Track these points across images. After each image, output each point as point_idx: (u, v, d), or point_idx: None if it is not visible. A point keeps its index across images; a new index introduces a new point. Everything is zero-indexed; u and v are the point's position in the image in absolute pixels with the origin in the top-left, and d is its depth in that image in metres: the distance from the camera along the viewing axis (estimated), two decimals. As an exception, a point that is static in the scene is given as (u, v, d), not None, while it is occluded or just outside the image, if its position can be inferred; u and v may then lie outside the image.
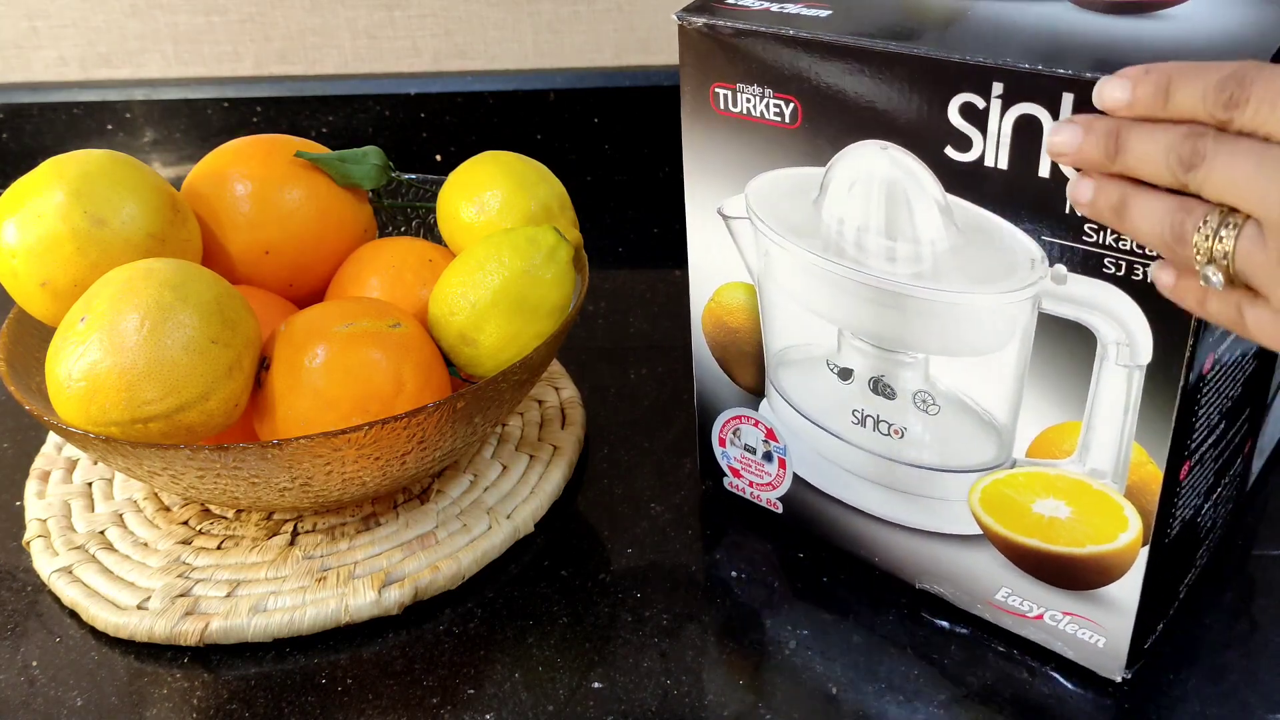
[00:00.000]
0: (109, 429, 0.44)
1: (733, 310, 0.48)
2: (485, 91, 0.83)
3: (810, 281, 0.45)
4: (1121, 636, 0.42)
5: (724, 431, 0.52)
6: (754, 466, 0.52)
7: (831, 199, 0.42)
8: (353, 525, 0.52)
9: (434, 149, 0.86)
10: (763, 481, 0.52)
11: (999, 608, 0.45)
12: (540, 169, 0.56)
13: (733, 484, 0.53)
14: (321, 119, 0.85)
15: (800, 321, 0.46)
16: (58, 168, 0.48)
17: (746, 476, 0.52)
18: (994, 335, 0.41)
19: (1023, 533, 0.43)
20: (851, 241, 0.42)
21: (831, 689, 0.44)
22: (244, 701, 0.45)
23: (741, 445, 0.52)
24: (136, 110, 0.86)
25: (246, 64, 0.85)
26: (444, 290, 0.50)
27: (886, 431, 0.46)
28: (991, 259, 0.39)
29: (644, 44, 0.83)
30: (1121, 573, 0.41)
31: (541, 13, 0.82)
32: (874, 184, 0.41)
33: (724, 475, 0.53)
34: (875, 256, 0.42)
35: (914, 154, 0.39)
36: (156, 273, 0.45)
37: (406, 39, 0.84)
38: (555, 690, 0.44)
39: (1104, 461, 0.40)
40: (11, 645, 0.48)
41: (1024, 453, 0.42)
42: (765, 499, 0.52)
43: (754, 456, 0.51)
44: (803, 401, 0.48)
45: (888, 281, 0.42)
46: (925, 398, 0.44)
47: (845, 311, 0.44)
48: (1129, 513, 0.40)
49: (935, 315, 0.42)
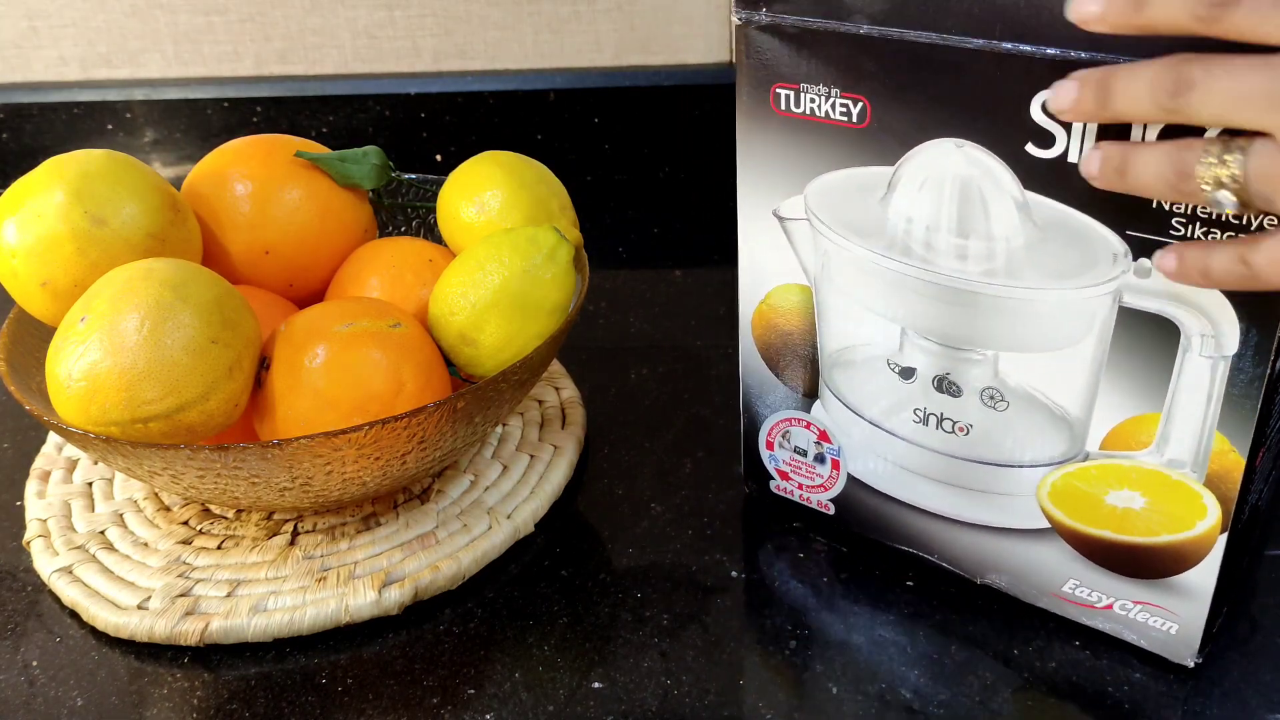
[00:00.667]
0: (109, 429, 0.44)
1: (785, 312, 0.48)
2: (485, 91, 0.84)
3: (873, 281, 0.44)
4: (1195, 622, 0.42)
5: (772, 435, 0.51)
6: (804, 469, 0.51)
7: (900, 198, 0.41)
8: (353, 525, 0.52)
9: (434, 149, 0.86)
10: (814, 484, 0.51)
11: (1065, 599, 0.45)
12: (540, 169, 0.56)
13: (780, 487, 0.52)
14: (321, 119, 0.85)
15: (859, 322, 0.46)
16: (58, 168, 0.48)
17: (796, 479, 0.51)
18: (1070, 330, 0.40)
19: (1095, 525, 0.43)
20: (920, 240, 0.41)
21: (831, 689, 0.44)
22: (244, 701, 0.45)
23: (791, 448, 0.51)
24: (136, 110, 0.86)
25: (246, 64, 0.85)
26: (444, 290, 0.50)
27: (950, 429, 0.45)
28: (1071, 255, 0.39)
29: (644, 44, 0.83)
30: (1199, 560, 0.41)
31: (541, 13, 0.82)
32: (946, 182, 0.40)
33: (771, 479, 0.52)
34: (945, 255, 0.41)
35: (991, 151, 0.38)
36: (156, 273, 0.45)
37: (406, 39, 0.84)
38: (555, 690, 0.44)
39: (1184, 452, 0.40)
40: (11, 645, 0.48)
41: (1097, 445, 0.42)
42: (816, 501, 0.51)
43: (804, 459, 0.51)
44: (860, 402, 0.47)
45: (958, 280, 0.41)
46: (993, 394, 0.43)
47: (910, 310, 0.43)
48: (1208, 500, 0.40)
49: (1008, 312, 0.41)
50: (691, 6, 0.82)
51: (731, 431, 0.59)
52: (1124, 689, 0.43)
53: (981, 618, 0.47)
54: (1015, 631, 0.46)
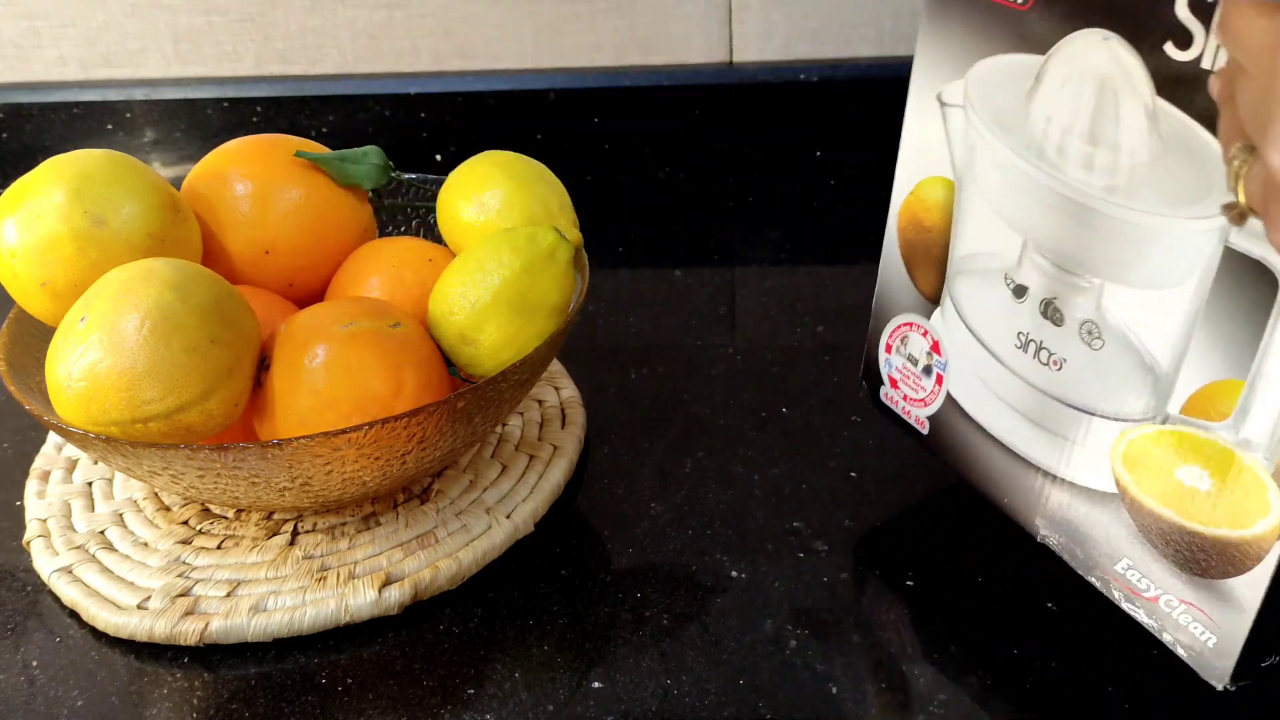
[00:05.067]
0: (109, 429, 0.44)
1: (930, 207, 0.46)
2: (485, 91, 0.84)
3: (1005, 183, 0.41)
4: (1235, 639, 0.38)
5: (893, 338, 0.50)
6: (912, 379, 0.49)
7: (1044, 93, 0.39)
8: (353, 525, 0.52)
9: (434, 149, 0.86)
10: (917, 396, 0.49)
11: (1115, 580, 0.43)
12: (540, 169, 0.56)
13: (888, 394, 0.51)
14: (321, 119, 0.85)
15: (990, 228, 0.43)
16: (57, 168, 0.48)
17: (903, 389, 0.50)
18: (1176, 266, 0.38)
19: (1159, 499, 0.40)
20: (1054, 143, 0.39)
21: (831, 689, 0.44)
22: (244, 701, 0.45)
23: (905, 355, 0.49)
24: (136, 110, 0.86)
25: (246, 64, 0.85)
26: (444, 290, 0.50)
27: (1046, 360, 0.43)
28: (1189, 177, 0.36)
29: (644, 44, 0.83)
30: (1251, 564, 0.37)
31: (541, 13, 0.82)
32: (1087, 80, 0.38)
33: (882, 384, 0.51)
34: (1074, 163, 0.39)
35: (1133, 47, 0.36)
36: (156, 273, 0.45)
37: (406, 39, 0.84)
38: (555, 690, 0.44)
39: (1260, 430, 0.36)
40: (11, 645, 0.48)
41: (1178, 409, 0.39)
42: (915, 416, 0.50)
43: (914, 369, 0.49)
44: (973, 315, 0.46)
45: (1080, 193, 0.39)
46: (1092, 329, 0.41)
47: (1033, 220, 0.41)
48: (1273, 496, 0.36)
49: (1120, 237, 0.39)
50: (691, 6, 0.82)
51: (732, 431, 0.59)
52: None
53: (982, 619, 0.47)
54: (1016, 632, 0.46)
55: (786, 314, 0.69)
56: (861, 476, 0.55)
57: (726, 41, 0.83)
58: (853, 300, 0.70)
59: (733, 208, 0.83)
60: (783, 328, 0.68)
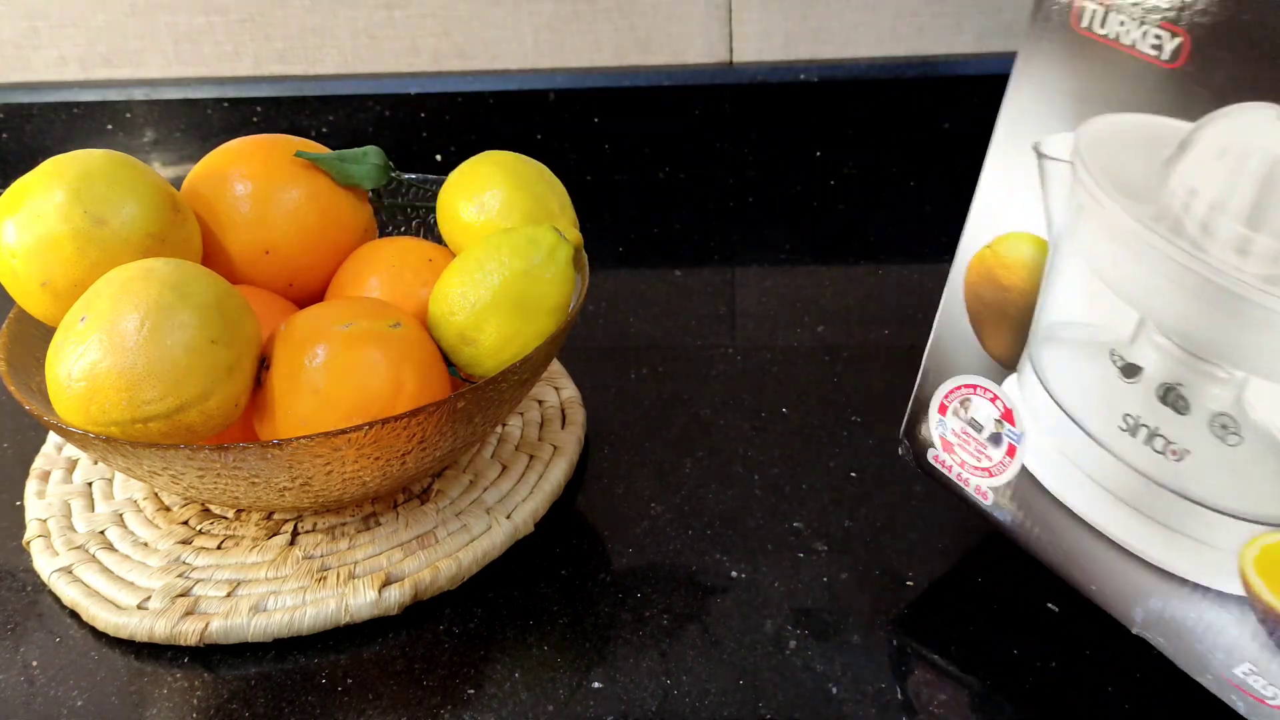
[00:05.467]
0: (109, 429, 0.44)
1: (1011, 265, 0.42)
2: (485, 91, 0.84)
3: (1126, 254, 0.37)
4: None
5: (949, 398, 0.45)
6: (973, 446, 0.45)
7: (1190, 163, 0.35)
8: (353, 525, 0.52)
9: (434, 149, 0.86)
10: (980, 465, 0.45)
11: (1235, 684, 0.39)
12: (540, 169, 0.56)
13: (939, 457, 0.47)
14: (321, 119, 0.85)
15: (1093, 297, 0.39)
16: (58, 168, 0.48)
17: (960, 454, 0.46)
18: None
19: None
20: (1198, 220, 0.35)
21: (831, 689, 0.44)
22: (244, 701, 0.45)
23: (966, 419, 0.45)
24: (136, 110, 0.86)
25: (246, 64, 0.85)
26: (444, 290, 0.50)
27: (1162, 449, 0.39)
28: None
29: (644, 44, 0.83)
30: None
31: (541, 13, 0.82)
32: (1253, 158, 0.33)
33: (930, 446, 0.47)
34: (1223, 244, 0.34)
35: None
36: (156, 273, 0.45)
37: (406, 39, 0.84)
38: (555, 690, 0.44)
39: None
40: (11, 645, 0.48)
41: None
42: (975, 484, 0.46)
43: (977, 435, 0.45)
44: (1063, 389, 0.41)
45: (1230, 278, 0.35)
46: (1227, 423, 0.37)
47: (1159, 299, 0.37)
48: None
49: None
50: (691, 6, 0.82)
51: (732, 431, 0.59)
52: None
53: (982, 618, 0.47)
54: (1016, 632, 0.46)
55: (786, 314, 0.69)
56: (861, 476, 0.55)
57: (726, 41, 0.83)
58: (853, 300, 0.70)
59: (733, 208, 0.83)
60: (783, 328, 0.68)
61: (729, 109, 0.84)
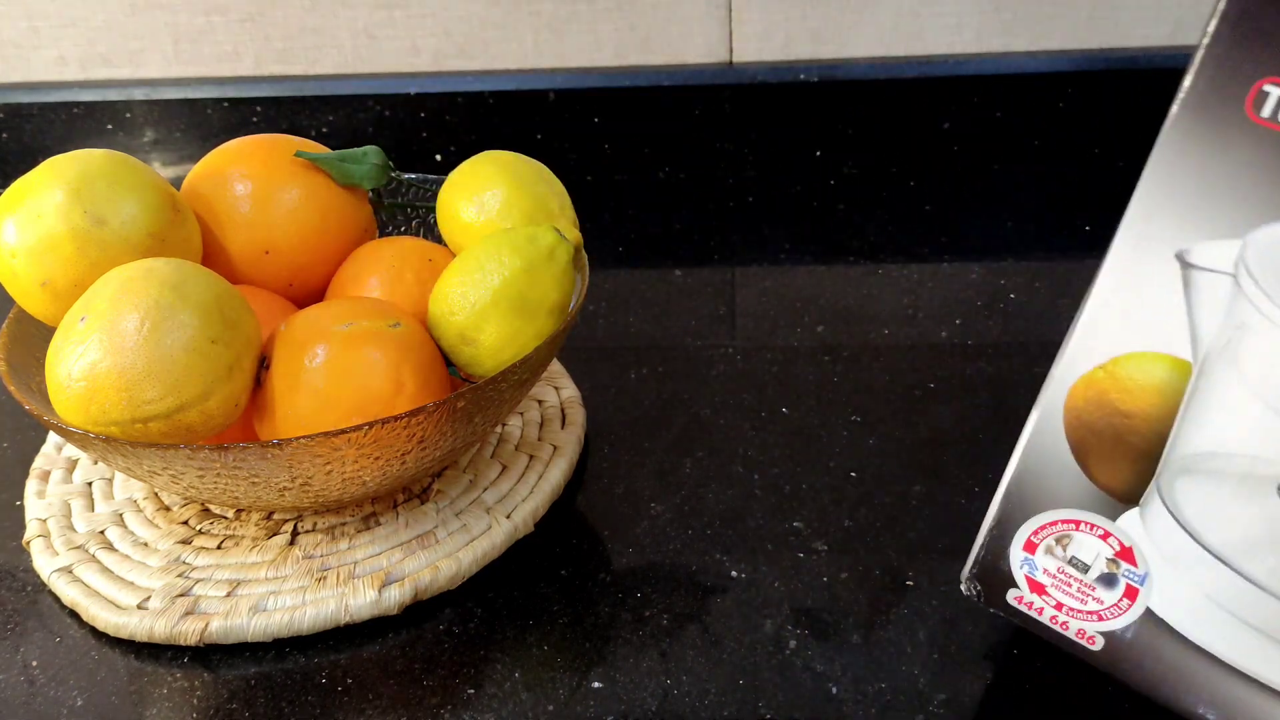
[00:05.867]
0: (109, 429, 0.44)
1: (1133, 389, 0.38)
2: (485, 91, 0.84)
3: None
4: None
5: (1040, 534, 0.41)
6: (1077, 587, 0.40)
7: None
8: (353, 525, 0.52)
9: (434, 149, 0.86)
10: (1087, 609, 0.40)
11: None
12: (540, 169, 0.56)
13: (1024, 599, 0.42)
14: (321, 119, 0.85)
15: (1250, 425, 0.35)
16: (57, 167, 0.48)
17: (1057, 596, 0.41)
18: None
19: None
20: None
21: (831, 689, 0.44)
22: (244, 701, 0.45)
23: (1066, 558, 0.40)
24: (136, 110, 0.86)
25: (246, 64, 0.85)
26: (444, 290, 0.50)
27: None
28: None
29: (644, 44, 0.83)
30: None
31: (541, 13, 0.82)
32: None
33: (1013, 586, 0.42)
34: None
35: None
36: (156, 273, 0.45)
37: (406, 39, 0.84)
38: (555, 690, 0.44)
39: None
40: (11, 645, 0.48)
41: None
42: (1078, 629, 0.41)
43: (1081, 575, 0.40)
44: (1205, 525, 0.37)
45: None
46: None
47: None
48: None
49: None
50: (691, 6, 0.82)
51: (732, 431, 0.59)
52: None
53: (981, 618, 0.47)
54: (1016, 631, 0.46)
55: (786, 314, 0.69)
56: (861, 476, 0.55)
57: (726, 41, 0.83)
58: (853, 300, 0.70)
59: (733, 208, 0.83)
60: (783, 328, 0.68)
61: (729, 109, 0.84)
